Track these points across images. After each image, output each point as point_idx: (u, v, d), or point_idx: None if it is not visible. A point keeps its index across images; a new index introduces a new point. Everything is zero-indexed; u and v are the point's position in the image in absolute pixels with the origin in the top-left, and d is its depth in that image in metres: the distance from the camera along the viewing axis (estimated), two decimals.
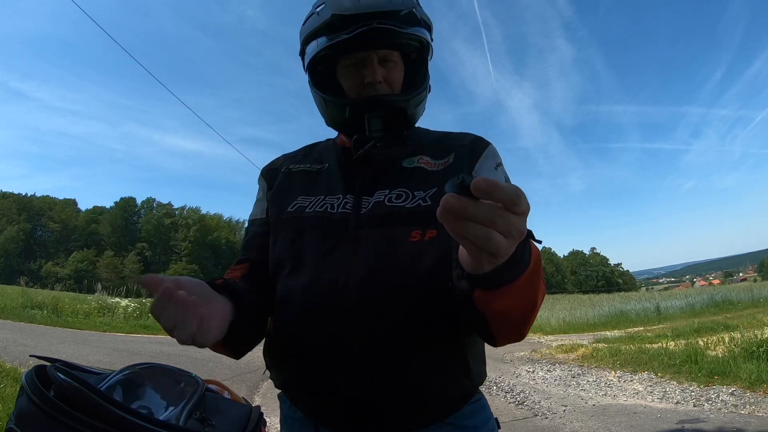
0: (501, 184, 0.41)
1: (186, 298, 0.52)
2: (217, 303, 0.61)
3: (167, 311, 0.52)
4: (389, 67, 0.79)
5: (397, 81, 0.80)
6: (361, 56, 0.77)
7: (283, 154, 0.94)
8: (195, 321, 0.53)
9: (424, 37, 0.78)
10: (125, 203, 62.40)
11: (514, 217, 0.42)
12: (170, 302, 0.52)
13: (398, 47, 0.79)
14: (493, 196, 0.40)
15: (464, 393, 0.73)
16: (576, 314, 15.27)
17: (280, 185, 0.85)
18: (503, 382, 5.48)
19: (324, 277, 0.70)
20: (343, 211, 0.74)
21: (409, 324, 0.66)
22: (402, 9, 0.74)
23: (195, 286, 0.59)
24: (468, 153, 0.79)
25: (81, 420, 0.61)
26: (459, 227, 0.42)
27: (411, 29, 0.75)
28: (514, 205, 0.41)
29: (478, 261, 0.47)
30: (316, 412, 0.73)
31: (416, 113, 0.82)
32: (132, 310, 12.29)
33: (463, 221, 0.41)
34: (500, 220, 0.41)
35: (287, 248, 0.76)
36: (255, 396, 4.61)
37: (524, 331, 0.61)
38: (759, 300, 13.80)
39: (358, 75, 0.77)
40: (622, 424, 3.58)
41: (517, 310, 0.55)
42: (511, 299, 0.53)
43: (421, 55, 0.83)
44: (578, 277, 72.20)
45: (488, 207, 0.41)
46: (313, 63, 0.80)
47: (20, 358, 5.19)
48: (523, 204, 0.42)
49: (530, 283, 0.52)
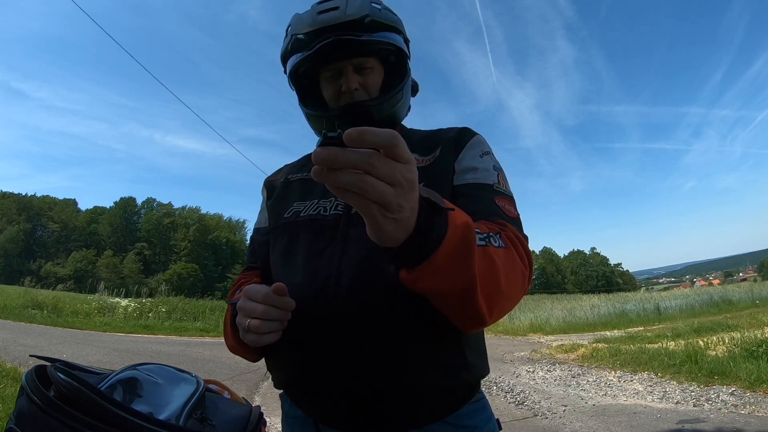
0: (373, 129, 0.39)
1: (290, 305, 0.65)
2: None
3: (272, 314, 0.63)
4: (366, 73, 0.82)
5: (374, 86, 0.82)
6: (337, 67, 0.81)
7: (286, 164, 0.98)
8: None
9: (388, 41, 0.80)
10: (125, 203, 62.31)
11: (397, 163, 0.40)
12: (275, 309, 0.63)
13: (369, 54, 0.81)
14: (366, 142, 0.39)
15: (464, 386, 0.72)
16: (576, 314, 15.27)
17: (279, 195, 0.89)
18: (503, 382, 5.48)
19: (316, 277, 0.71)
20: (335, 213, 0.76)
21: (401, 319, 0.66)
22: (361, 17, 0.76)
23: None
24: (453, 144, 0.79)
25: (81, 420, 0.61)
26: (334, 178, 0.39)
27: (374, 35, 0.78)
28: (392, 149, 0.40)
29: (373, 220, 0.42)
30: (316, 410, 0.74)
31: (396, 113, 0.84)
32: (132, 310, 12.30)
33: (337, 171, 0.39)
34: (379, 163, 0.39)
35: (283, 252, 0.78)
36: (255, 396, 4.60)
37: (477, 313, 0.53)
38: (759, 300, 13.81)
39: (336, 85, 0.81)
40: (622, 424, 3.59)
41: (450, 288, 0.50)
42: (439, 277, 0.49)
43: (398, 57, 0.85)
44: (578, 277, 72.07)
45: (362, 152, 0.39)
46: (297, 78, 0.85)
47: (20, 358, 5.20)
48: (401, 148, 0.40)
49: (457, 255, 0.48)
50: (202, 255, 56.33)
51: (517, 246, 0.62)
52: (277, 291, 0.63)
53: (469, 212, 0.69)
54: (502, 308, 0.58)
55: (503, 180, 0.78)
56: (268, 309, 0.62)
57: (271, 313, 0.63)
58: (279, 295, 0.63)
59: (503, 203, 0.72)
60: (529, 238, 0.70)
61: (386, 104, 0.81)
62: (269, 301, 0.63)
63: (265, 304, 0.63)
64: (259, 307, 0.62)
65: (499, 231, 0.62)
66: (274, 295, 0.63)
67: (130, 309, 12.34)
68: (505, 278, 0.56)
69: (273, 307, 0.63)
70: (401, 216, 0.43)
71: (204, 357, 6.79)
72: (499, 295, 0.55)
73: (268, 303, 0.63)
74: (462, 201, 0.72)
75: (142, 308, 12.49)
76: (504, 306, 0.58)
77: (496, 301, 0.55)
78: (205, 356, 6.87)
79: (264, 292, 0.63)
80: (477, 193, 0.73)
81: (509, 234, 0.63)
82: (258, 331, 0.63)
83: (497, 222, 0.66)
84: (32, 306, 11.43)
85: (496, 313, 0.57)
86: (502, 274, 0.55)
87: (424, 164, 0.78)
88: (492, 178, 0.75)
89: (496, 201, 0.72)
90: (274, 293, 0.63)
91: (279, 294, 0.63)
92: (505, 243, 0.59)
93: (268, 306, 0.63)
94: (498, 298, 0.55)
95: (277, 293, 0.63)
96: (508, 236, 0.62)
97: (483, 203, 0.71)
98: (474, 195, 0.73)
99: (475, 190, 0.74)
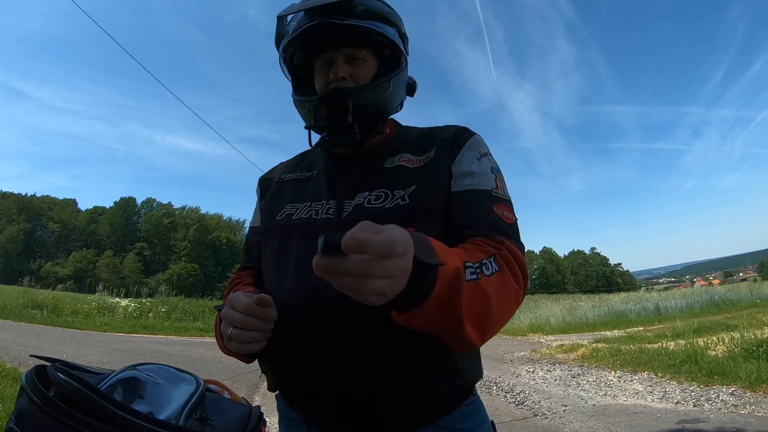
0: (370, 239, 0.40)
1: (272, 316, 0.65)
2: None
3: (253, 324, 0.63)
4: (357, 64, 0.80)
5: (365, 78, 0.80)
6: (328, 56, 0.80)
7: (280, 163, 0.97)
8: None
9: (378, 30, 0.79)
10: (125, 203, 62.31)
11: (394, 259, 0.42)
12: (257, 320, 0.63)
13: (361, 44, 0.80)
14: (369, 252, 0.40)
15: (456, 392, 0.72)
16: (576, 314, 15.27)
17: (272, 195, 0.88)
18: (503, 382, 5.48)
19: (307, 282, 0.70)
20: (326, 217, 0.75)
21: (393, 325, 0.66)
22: (352, 2, 0.76)
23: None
24: (449, 145, 0.78)
25: (81, 420, 0.61)
26: (336, 283, 0.42)
27: (363, 22, 0.77)
28: (389, 254, 0.41)
29: (367, 302, 0.45)
30: (310, 414, 0.74)
31: (382, 105, 0.81)
32: (132, 310, 12.30)
33: (339, 277, 0.41)
34: (377, 268, 0.41)
35: (274, 255, 0.78)
36: (255, 396, 4.60)
37: (466, 340, 0.57)
38: (759, 300, 13.80)
39: (326, 74, 0.80)
40: (622, 424, 3.59)
41: (438, 326, 0.55)
42: (427, 318, 0.52)
43: (393, 51, 0.83)
44: (578, 277, 72.03)
45: (361, 261, 0.40)
46: (293, 69, 0.86)
47: (20, 358, 5.20)
48: (399, 248, 0.42)
49: (444, 302, 0.52)
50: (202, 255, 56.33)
51: (512, 265, 0.64)
52: (259, 302, 0.63)
53: (469, 222, 0.71)
54: (492, 331, 0.61)
55: (501, 183, 0.77)
56: (249, 319, 0.62)
57: (252, 323, 0.62)
58: (261, 306, 0.63)
59: (501, 210, 0.73)
60: (525, 246, 0.72)
61: (368, 93, 0.78)
62: (250, 311, 0.62)
63: (246, 314, 0.62)
64: (240, 318, 0.62)
65: (494, 253, 0.63)
66: (255, 306, 0.62)
67: (130, 309, 12.33)
68: (497, 303, 0.58)
69: (254, 318, 0.62)
70: (396, 291, 0.45)
71: (204, 357, 6.79)
72: (489, 321, 0.59)
73: (249, 314, 0.62)
74: (460, 209, 0.72)
75: (142, 308, 12.48)
76: (495, 328, 0.61)
77: (486, 327, 0.59)
78: (205, 356, 6.87)
79: (245, 303, 0.62)
80: (475, 200, 0.73)
81: (504, 254, 0.64)
82: (238, 341, 0.63)
83: (495, 240, 0.67)
84: (32, 306, 11.43)
85: (487, 336, 0.61)
86: (493, 302, 0.58)
87: (417, 165, 0.77)
88: (490, 183, 0.75)
89: (494, 209, 0.72)
90: (256, 304, 0.62)
91: (261, 305, 0.63)
92: (499, 266, 0.62)
93: (248, 317, 0.62)
94: (488, 323, 0.59)
95: (259, 304, 0.63)
96: (503, 256, 0.64)
97: (482, 213, 0.72)
98: (472, 203, 0.73)
99: (473, 197, 0.73)
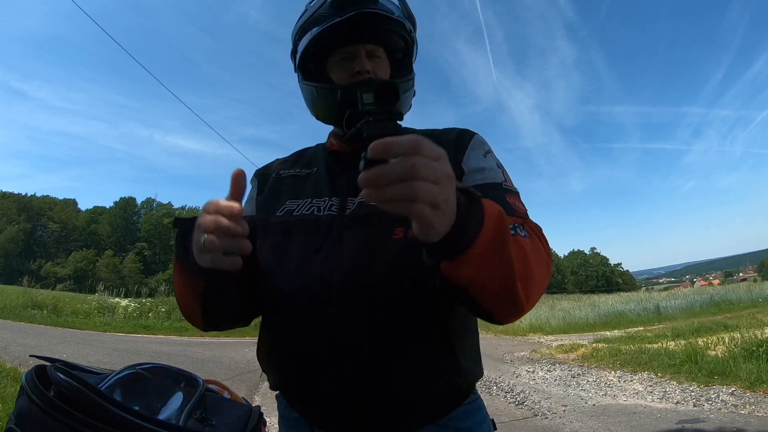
0: (395, 138, 0.40)
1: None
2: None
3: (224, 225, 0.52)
4: (376, 62, 0.81)
5: (384, 76, 0.82)
6: (350, 50, 0.80)
7: (277, 158, 0.97)
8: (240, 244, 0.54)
9: (409, 30, 0.81)
10: (125, 203, 62.33)
11: (434, 162, 0.41)
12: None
13: (385, 42, 0.82)
14: (394, 151, 0.40)
15: (457, 391, 0.72)
16: (576, 314, 15.27)
17: (270, 190, 0.87)
18: (503, 382, 5.49)
19: (309, 278, 0.70)
20: (329, 214, 0.75)
21: (395, 322, 0.66)
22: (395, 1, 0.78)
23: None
24: (454, 147, 0.79)
25: (81, 420, 0.61)
26: (384, 195, 0.40)
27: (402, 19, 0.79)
28: (420, 150, 0.41)
29: (425, 220, 0.43)
30: (310, 413, 0.73)
31: (403, 102, 0.82)
32: (132, 310, 12.30)
33: (384, 188, 0.40)
34: (421, 167, 0.40)
35: (275, 251, 0.77)
36: (255, 396, 4.60)
37: (517, 300, 0.54)
38: (759, 300, 13.80)
39: (348, 67, 0.80)
40: (622, 424, 3.59)
41: (491, 276, 0.51)
42: (479, 264, 0.49)
43: (405, 54, 0.85)
44: (578, 277, 72.00)
45: (399, 162, 0.40)
46: (304, 60, 0.83)
47: (20, 358, 5.20)
48: (427, 147, 0.41)
49: (495, 243, 0.50)
50: None
51: (541, 235, 0.64)
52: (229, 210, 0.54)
53: None
54: (536, 294, 0.58)
55: (508, 177, 0.79)
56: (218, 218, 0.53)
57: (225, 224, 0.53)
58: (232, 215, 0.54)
59: (513, 200, 0.73)
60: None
61: (401, 87, 0.78)
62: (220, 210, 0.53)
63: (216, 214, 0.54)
64: (210, 218, 0.54)
65: (522, 222, 0.63)
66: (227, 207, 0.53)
67: (130, 309, 12.33)
68: (535, 266, 0.57)
69: (222, 217, 0.53)
70: (448, 210, 0.44)
71: (204, 357, 6.80)
72: (532, 280, 0.56)
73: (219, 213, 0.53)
74: None
75: (142, 308, 12.48)
76: (537, 291, 0.58)
77: (531, 286, 0.56)
78: (205, 356, 6.88)
79: (216, 204, 0.54)
80: (489, 193, 0.73)
81: (531, 224, 0.65)
82: (212, 249, 0.53)
83: (516, 216, 0.67)
84: (32, 306, 11.42)
85: (532, 300, 0.58)
86: (532, 261, 0.56)
87: None
88: (499, 177, 0.76)
89: (507, 199, 0.73)
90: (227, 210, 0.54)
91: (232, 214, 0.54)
92: (528, 233, 0.61)
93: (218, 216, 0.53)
94: (532, 283, 0.56)
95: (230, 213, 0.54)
96: (531, 226, 0.64)
97: (497, 203, 0.72)
98: (487, 195, 0.73)
99: (486, 190, 0.73)
